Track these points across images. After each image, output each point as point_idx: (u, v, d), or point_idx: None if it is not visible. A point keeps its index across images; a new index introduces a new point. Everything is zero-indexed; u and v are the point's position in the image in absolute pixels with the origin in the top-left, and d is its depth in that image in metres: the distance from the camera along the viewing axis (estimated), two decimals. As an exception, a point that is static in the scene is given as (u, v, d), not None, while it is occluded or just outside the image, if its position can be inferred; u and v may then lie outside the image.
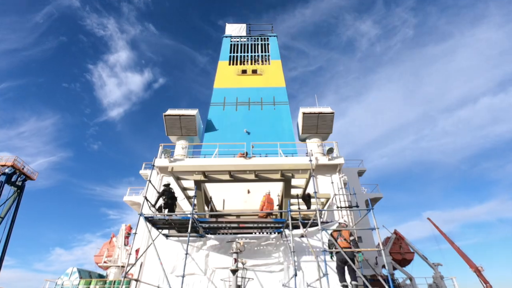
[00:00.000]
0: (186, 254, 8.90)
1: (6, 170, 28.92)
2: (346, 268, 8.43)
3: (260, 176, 10.48)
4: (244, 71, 25.19)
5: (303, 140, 18.68)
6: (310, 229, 10.71)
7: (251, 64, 26.54)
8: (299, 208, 11.46)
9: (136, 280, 10.35)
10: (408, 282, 18.75)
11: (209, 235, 11.27)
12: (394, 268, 19.40)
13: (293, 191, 11.41)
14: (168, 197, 10.73)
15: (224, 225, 10.50)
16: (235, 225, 10.47)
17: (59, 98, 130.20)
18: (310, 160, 10.54)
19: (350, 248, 8.37)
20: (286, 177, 10.33)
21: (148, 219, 9.95)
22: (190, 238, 10.13)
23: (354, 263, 8.17)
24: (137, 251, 13.51)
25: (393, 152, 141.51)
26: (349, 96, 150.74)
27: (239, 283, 9.40)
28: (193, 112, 18.90)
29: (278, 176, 10.31)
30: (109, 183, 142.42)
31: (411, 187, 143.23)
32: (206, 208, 12.02)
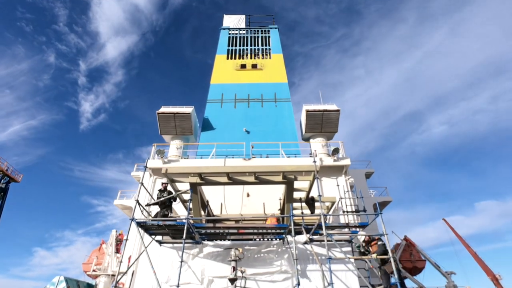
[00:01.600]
0: (181, 262, 8.89)
1: (-12, 172, 28.93)
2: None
3: (260, 179, 10.48)
4: (243, 66, 25.17)
5: (307, 139, 18.68)
6: (314, 236, 10.71)
7: (251, 58, 26.54)
8: (302, 213, 11.46)
9: (128, 290, 10.35)
10: (419, 292, 18.74)
11: (206, 242, 11.26)
12: (404, 277, 19.40)
13: (296, 195, 11.40)
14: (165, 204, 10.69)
15: (222, 230, 10.49)
16: (234, 230, 10.47)
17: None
18: (314, 161, 10.53)
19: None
20: (288, 180, 10.33)
21: (141, 225, 9.95)
22: (186, 244, 10.12)
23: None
24: (128, 259, 13.50)
25: (460, 116, 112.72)
26: (434, 14, 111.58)
27: (238, 293, 9.40)
28: (189, 109, 18.89)
29: (279, 178, 10.31)
30: (91, 161, 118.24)
31: (477, 166, 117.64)
32: (202, 212, 12.01)
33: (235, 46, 27.81)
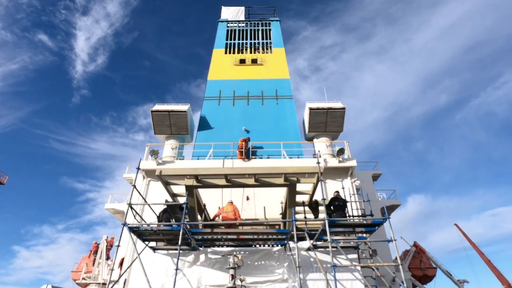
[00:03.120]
0: (176, 269, 8.90)
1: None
2: None
3: (261, 181, 10.48)
4: (242, 61, 25.18)
5: (310, 139, 18.68)
6: (318, 242, 10.71)
7: (251, 52, 26.54)
8: (305, 217, 11.47)
9: (119, 300, 10.35)
10: (429, 301, 18.76)
11: (202, 248, 11.26)
12: (414, 286, 19.41)
13: (299, 198, 11.40)
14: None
15: (220, 236, 10.50)
16: (233, 236, 10.47)
17: None
18: (318, 162, 10.54)
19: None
20: (290, 182, 10.33)
21: (133, 230, 9.95)
22: (181, 251, 10.13)
23: None
24: (120, 262, 13.51)
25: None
26: None
27: (237, 303, 9.41)
28: (184, 107, 18.90)
29: (281, 180, 10.31)
30: (71, 126, 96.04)
31: None
32: (199, 217, 12.02)
33: (234, 39, 27.81)
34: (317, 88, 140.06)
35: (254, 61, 25.12)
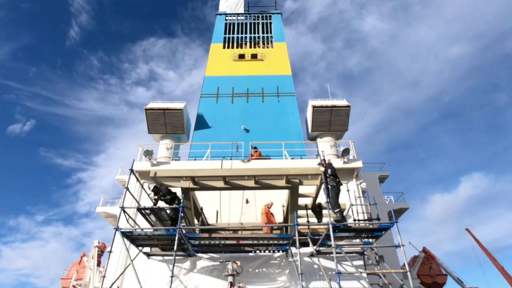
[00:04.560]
0: (172, 276, 8.89)
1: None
2: None
3: (261, 183, 10.47)
4: (241, 56, 25.19)
5: (313, 139, 18.68)
6: (321, 247, 10.70)
7: (250, 47, 26.54)
8: (308, 221, 11.46)
9: (112, 308, 10.34)
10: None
11: (199, 254, 11.26)
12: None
13: (301, 201, 11.40)
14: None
15: (218, 241, 10.49)
16: (232, 241, 10.46)
17: None
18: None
19: None
20: (292, 184, 10.32)
21: (126, 235, 9.94)
22: (177, 257, 10.12)
23: None
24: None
25: None
26: None
27: (236, 312, 9.41)
28: (180, 105, 18.90)
29: (283, 182, 10.30)
30: (61, 76, 77.94)
31: None
32: (196, 221, 12.01)
33: (233, 33, 27.81)
34: (391, 9, 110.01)
35: (254, 56, 25.12)
